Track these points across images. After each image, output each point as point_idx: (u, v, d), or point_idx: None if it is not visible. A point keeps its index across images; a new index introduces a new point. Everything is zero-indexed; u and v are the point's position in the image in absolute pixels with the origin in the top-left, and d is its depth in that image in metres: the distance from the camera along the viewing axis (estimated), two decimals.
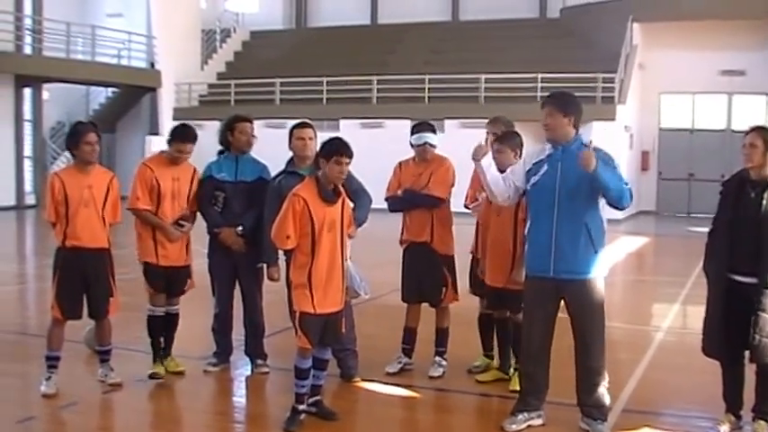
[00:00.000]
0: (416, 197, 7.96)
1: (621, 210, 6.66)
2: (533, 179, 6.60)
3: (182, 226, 7.80)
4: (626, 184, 6.46)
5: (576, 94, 6.92)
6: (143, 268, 7.86)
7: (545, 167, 6.55)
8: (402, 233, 8.24)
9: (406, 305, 8.33)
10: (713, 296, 6.45)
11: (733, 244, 6.29)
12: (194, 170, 7.99)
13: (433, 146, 8.02)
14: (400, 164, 8.26)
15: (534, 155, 6.72)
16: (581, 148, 6.40)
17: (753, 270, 6.20)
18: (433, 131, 8.08)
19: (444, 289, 8.10)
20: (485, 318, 8.19)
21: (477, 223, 8.05)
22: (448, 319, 8.27)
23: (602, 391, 6.57)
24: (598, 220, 6.54)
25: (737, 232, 6.28)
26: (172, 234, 7.74)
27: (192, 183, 7.92)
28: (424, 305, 8.29)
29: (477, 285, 8.04)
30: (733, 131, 28.11)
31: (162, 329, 7.97)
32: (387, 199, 8.14)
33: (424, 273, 8.07)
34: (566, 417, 6.76)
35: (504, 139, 7.53)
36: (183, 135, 7.88)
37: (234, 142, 8.14)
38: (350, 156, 6.53)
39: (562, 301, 6.63)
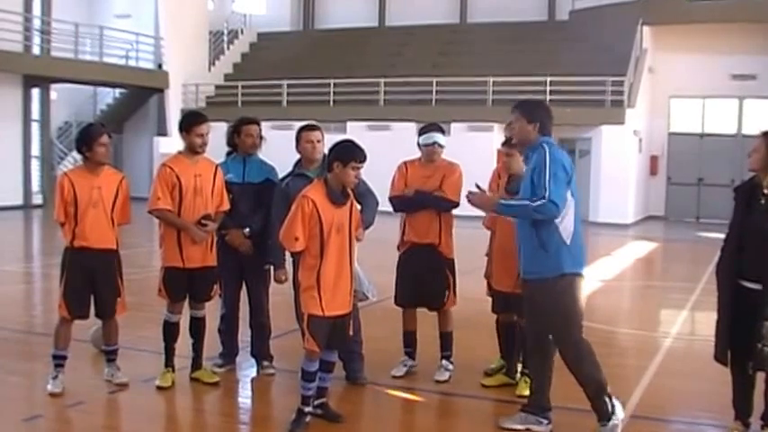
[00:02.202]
0: (430, 199, 7.93)
1: (550, 218, 6.44)
2: None
3: (205, 225, 7.63)
4: (543, 197, 6.32)
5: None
6: (163, 274, 7.70)
7: None
8: (402, 235, 8.18)
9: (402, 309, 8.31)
10: (722, 301, 6.41)
11: (742, 250, 6.26)
12: (216, 167, 7.84)
13: (441, 146, 8.01)
14: (406, 164, 8.20)
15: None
16: (539, 152, 6.49)
17: (760, 277, 6.17)
18: (442, 132, 8.07)
19: (447, 292, 8.08)
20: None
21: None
22: (451, 323, 8.24)
23: (595, 392, 6.49)
24: (547, 221, 6.44)
25: (746, 238, 6.25)
26: (195, 234, 7.57)
27: (214, 179, 7.74)
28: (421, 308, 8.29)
29: None
30: (744, 136, 28.02)
31: (177, 336, 7.82)
32: (393, 198, 8.09)
33: (428, 275, 8.04)
34: (571, 421, 6.73)
35: (514, 143, 7.50)
36: (195, 118, 7.78)
37: (240, 144, 8.14)
38: (365, 160, 6.54)
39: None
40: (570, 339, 6.54)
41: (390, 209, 8.09)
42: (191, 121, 7.70)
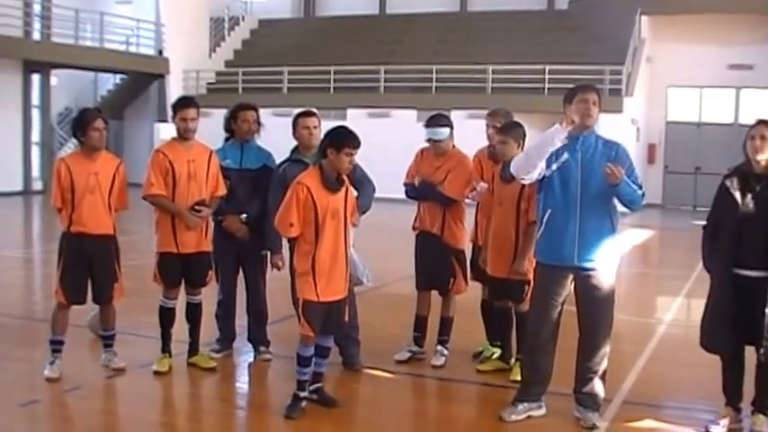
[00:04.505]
0: (430, 192, 7.98)
1: (631, 211, 6.73)
2: (553, 166, 6.52)
3: (199, 211, 7.65)
4: (640, 187, 6.52)
5: None
6: (157, 260, 7.74)
7: (564, 156, 6.51)
8: (415, 220, 8.26)
9: (416, 293, 8.37)
10: (717, 291, 6.41)
11: (740, 239, 6.26)
12: (211, 152, 7.84)
13: (437, 141, 8.02)
14: (422, 151, 8.23)
15: None
16: (597, 140, 6.53)
17: (760, 264, 6.20)
18: (441, 125, 8.02)
19: (452, 279, 8.13)
20: (487, 305, 8.24)
21: (477, 211, 8.11)
22: (453, 308, 8.29)
23: (599, 381, 6.61)
24: (616, 208, 6.61)
25: (744, 227, 6.26)
26: (190, 220, 7.59)
27: (208, 165, 7.75)
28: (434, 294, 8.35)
29: (478, 272, 8.06)
30: (741, 126, 28.00)
31: (173, 322, 7.85)
32: (405, 185, 8.17)
33: (434, 261, 8.10)
34: (565, 407, 6.78)
35: (508, 131, 7.53)
36: (182, 102, 7.78)
37: (237, 130, 8.17)
38: (359, 146, 6.57)
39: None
40: (611, 325, 6.68)
41: (391, 196, 8.13)
42: (175, 106, 7.74)
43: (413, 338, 8.38)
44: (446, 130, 8.02)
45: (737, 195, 6.34)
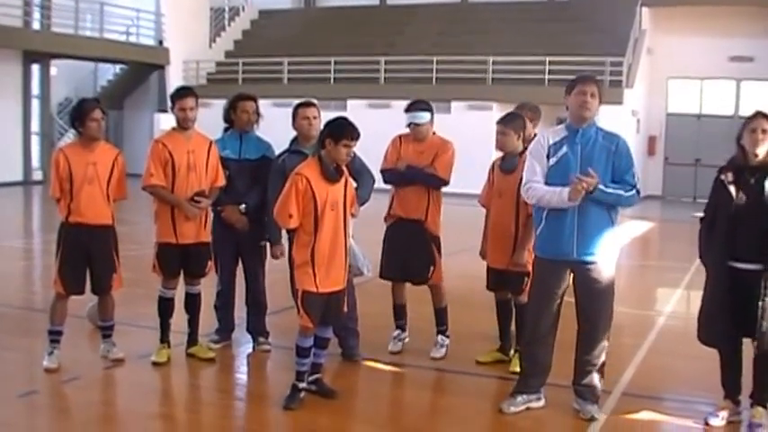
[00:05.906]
0: (420, 175, 7.94)
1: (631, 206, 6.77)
2: (552, 161, 6.51)
3: (198, 202, 7.63)
4: (633, 186, 6.50)
5: None
6: (156, 250, 7.74)
7: (563, 149, 6.49)
8: (390, 209, 8.22)
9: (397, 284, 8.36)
10: (713, 284, 6.43)
11: (735, 232, 6.26)
12: (210, 143, 7.83)
13: (419, 125, 8.00)
14: (400, 138, 8.23)
15: (550, 137, 6.60)
16: (597, 133, 6.51)
17: (755, 257, 6.19)
18: (425, 110, 8.03)
19: (432, 267, 8.12)
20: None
21: None
22: (444, 298, 8.30)
23: (598, 373, 6.62)
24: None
25: (739, 220, 6.25)
26: (188, 211, 7.57)
27: (208, 155, 7.74)
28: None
29: None
30: (741, 118, 27.86)
31: (172, 312, 7.85)
32: (384, 171, 8.11)
33: (414, 250, 8.08)
34: (564, 399, 6.79)
35: (508, 122, 7.52)
36: (181, 92, 7.77)
37: (236, 120, 8.17)
38: (358, 138, 6.55)
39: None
40: (611, 318, 6.68)
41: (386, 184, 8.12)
42: (174, 96, 7.73)
43: (398, 326, 8.41)
44: (427, 114, 8.02)
45: (732, 189, 6.32)
